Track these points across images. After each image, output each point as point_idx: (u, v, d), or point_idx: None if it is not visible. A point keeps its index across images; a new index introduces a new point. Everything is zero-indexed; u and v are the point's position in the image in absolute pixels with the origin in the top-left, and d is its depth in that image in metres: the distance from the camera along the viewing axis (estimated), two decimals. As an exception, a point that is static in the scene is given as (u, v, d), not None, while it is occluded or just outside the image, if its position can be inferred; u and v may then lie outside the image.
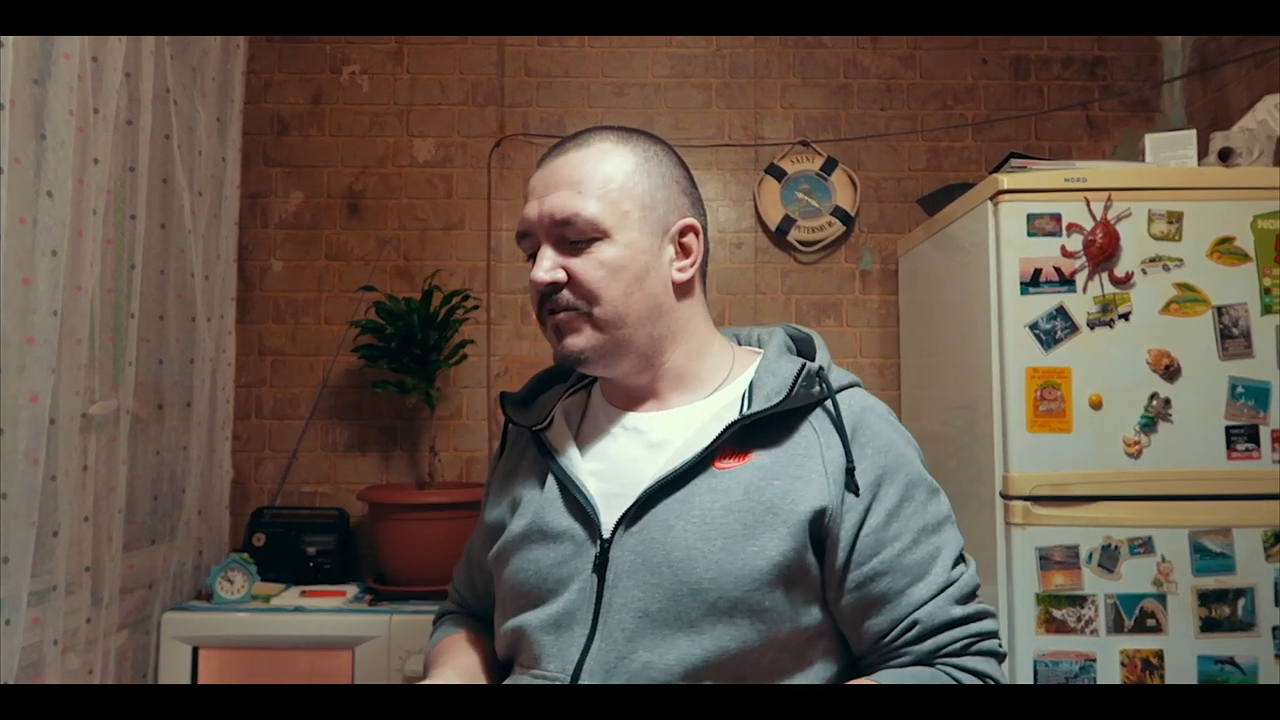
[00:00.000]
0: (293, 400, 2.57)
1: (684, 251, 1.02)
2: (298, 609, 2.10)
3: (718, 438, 0.94)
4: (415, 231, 2.61)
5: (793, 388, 0.96)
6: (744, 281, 2.62)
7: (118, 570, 1.81)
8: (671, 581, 0.89)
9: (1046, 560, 1.78)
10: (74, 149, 1.58)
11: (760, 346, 1.09)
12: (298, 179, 2.61)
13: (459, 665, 1.02)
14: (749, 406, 0.96)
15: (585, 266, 0.96)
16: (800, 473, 0.92)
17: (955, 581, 0.93)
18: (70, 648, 1.66)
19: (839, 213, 2.60)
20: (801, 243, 2.61)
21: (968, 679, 0.91)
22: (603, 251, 0.96)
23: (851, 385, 1.02)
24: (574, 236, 0.96)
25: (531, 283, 0.98)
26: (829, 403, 0.97)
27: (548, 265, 0.97)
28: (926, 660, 0.92)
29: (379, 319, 2.37)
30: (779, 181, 2.61)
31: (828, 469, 0.93)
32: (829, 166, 2.62)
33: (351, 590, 2.25)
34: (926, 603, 0.92)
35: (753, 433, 0.95)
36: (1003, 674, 0.93)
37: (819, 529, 0.92)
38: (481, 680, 1.02)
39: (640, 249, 0.97)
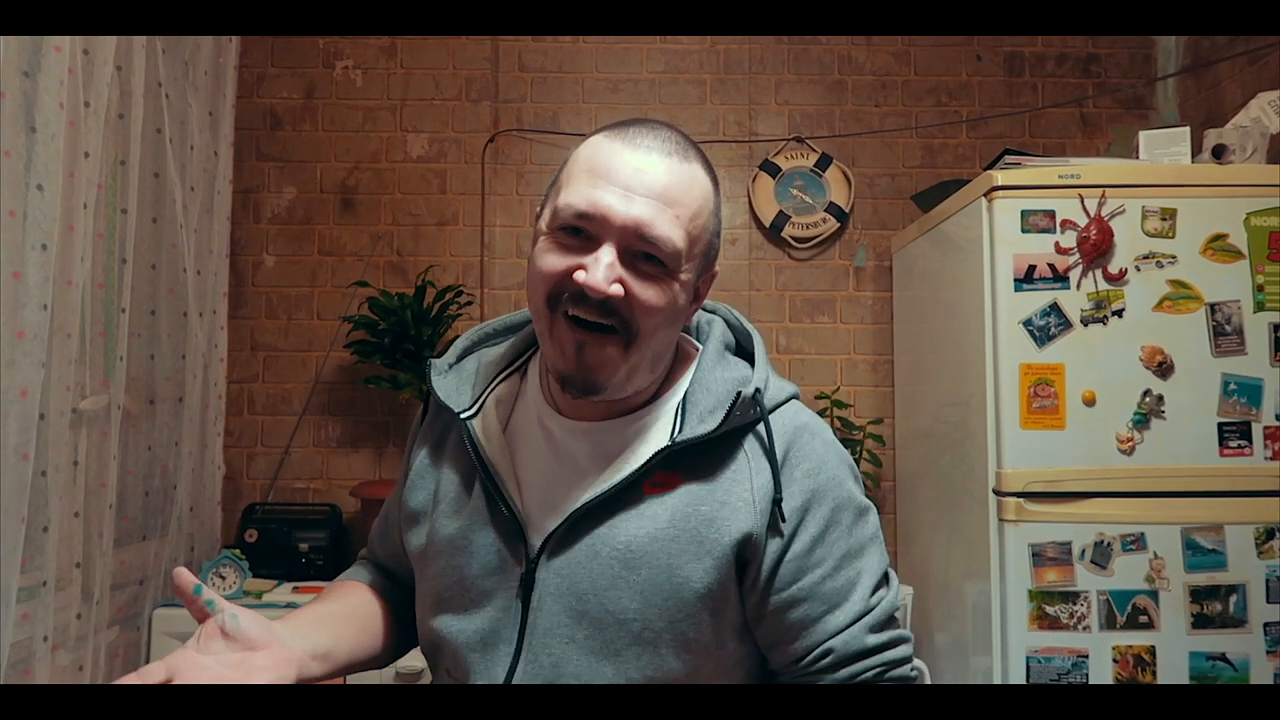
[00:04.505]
0: (285, 396, 2.56)
1: (699, 296, 0.96)
2: (290, 605, 2.09)
3: (646, 463, 0.89)
4: (409, 227, 2.61)
5: (727, 414, 0.90)
6: (738, 278, 2.62)
7: (108, 566, 1.81)
8: (597, 610, 0.87)
9: (1039, 557, 1.78)
10: (64, 142, 1.57)
11: (699, 339, 1.02)
12: (290, 174, 2.60)
13: (330, 610, 1.04)
14: (680, 426, 0.91)
15: (649, 295, 0.86)
16: (727, 498, 0.89)
17: (873, 609, 0.91)
18: (60, 644, 1.66)
19: (833, 209, 2.60)
20: (796, 239, 2.61)
21: None
22: (666, 285, 0.87)
23: (789, 399, 0.97)
24: (649, 255, 0.85)
25: (576, 281, 0.84)
26: (761, 428, 0.92)
27: (613, 273, 0.84)
28: None
29: (372, 315, 2.36)
30: (773, 178, 2.61)
31: (755, 496, 0.89)
32: (823, 163, 2.61)
33: (344, 586, 2.24)
34: (842, 631, 0.89)
35: (683, 453, 0.90)
36: None
37: (743, 555, 0.88)
38: (348, 629, 1.01)
39: (685, 291, 0.90)
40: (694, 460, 0.90)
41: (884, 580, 0.94)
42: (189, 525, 2.21)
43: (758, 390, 0.92)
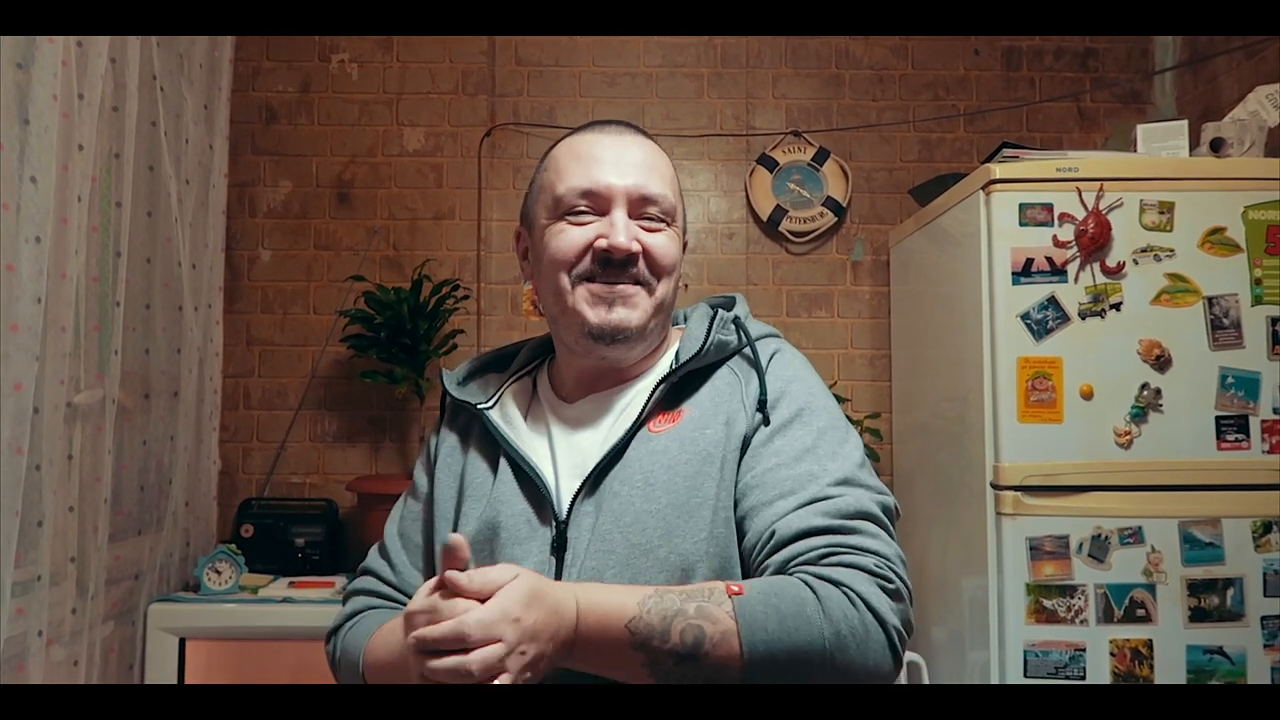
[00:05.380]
0: (281, 391, 2.55)
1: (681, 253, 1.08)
2: (286, 600, 2.08)
3: (647, 401, 0.97)
4: (405, 221, 2.60)
5: (707, 337, 0.99)
6: (735, 272, 2.61)
7: (103, 561, 1.80)
8: (624, 547, 0.91)
9: (1037, 550, 1.78)
10: (58, 135, 1.56)
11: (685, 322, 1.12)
12: (286, 168, 2.59)
13: None
14: (674, 366, 1.00)
15: (662, 241, 0.99)
16: (728, 415, 0.96)
17: (831, 498, 0.88)
18: (55, 639, 1.65)
19: (830, 203, 2.60)
20: (793, 233, 2.60)
21: (823, 587, 0.81)
22: (671, 234, 1.00)
23: (769, 335, 1.06)
24: (654, 214, 0.99)
25: (600, 249, 0.96)
26: (747, 347, 1.01)
27: (631, 231, 0.97)
28: (782, 571, 0.86)
29: (368, 309, 2.35)
30: (770, 172, 2.61)
31: (746, 402, 0.97)
32: (821, 157, 2.61)
33: (340, 581, 2.23)
34: (788, 514, 0.88)
35: (680, 390, 0.99)
36: (878, 597, 0.82)
37: (742, 456, 0.95)
38: None
39: (679, 242, 1.03)
40: (691, 392, 0.99)
41: (853, 484, 0.91)
42: (184, 520, 2.20)
43: (737, 316, 1.03)
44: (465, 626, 0.75)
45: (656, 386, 0.98)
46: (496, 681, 0.75)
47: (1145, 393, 1.80)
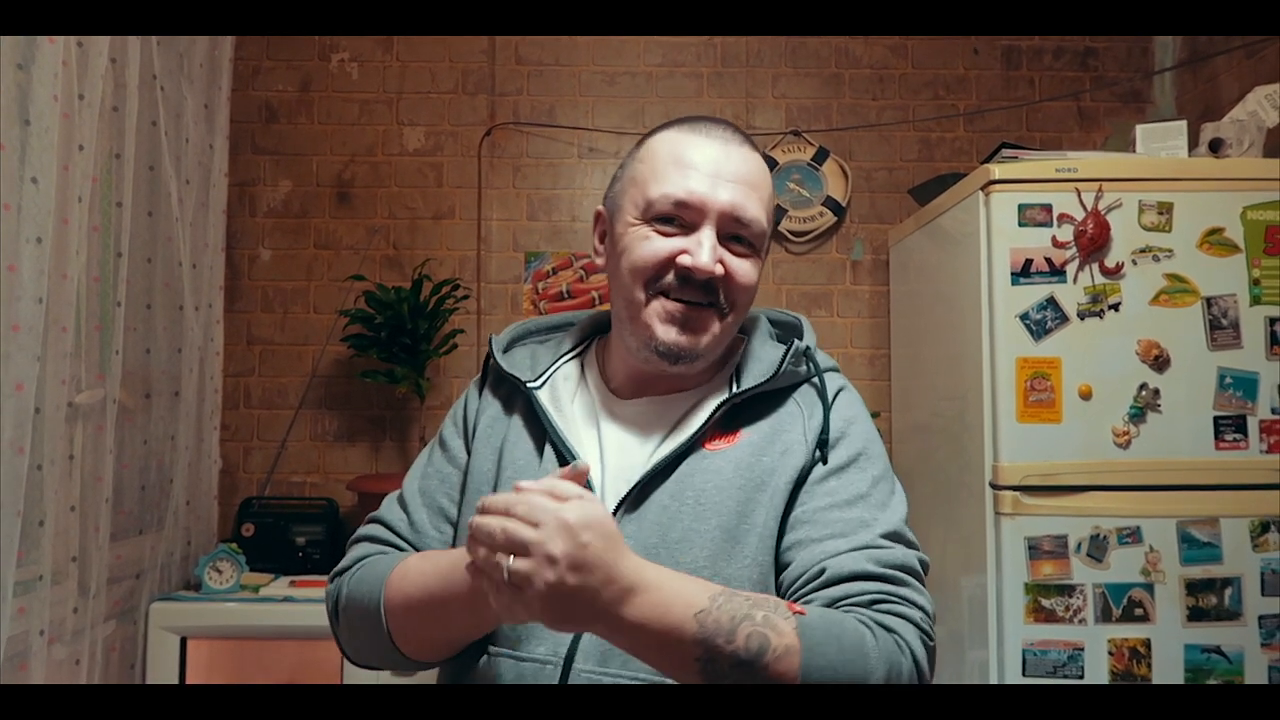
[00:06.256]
0: (281, 390, 2.56)
1: None
2: (287, 599, 2.09)
3: (708, 419, 0.95)
4: (405, 220, 2.60)
5: (781, 365, 0.97)
6: (735, 272, 2.61)
7: (105, 560, 1.80)
8: (668, 562, 0.88)
9: (1035, 550, 1.78)
10: (59, 135, 1.56)
11: (742, 332, 1.09)
12: (286, 167, 2.59)
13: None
14: (737, 388, 0.98)
15: (746, 270, 0.95)
16: (786, 445, 0.94)
17: (883, 548, 0.88)
18: (57, 638, 1.65)
19: (830, 203, 2.60)
20: (793, 233, 2.61)
21: (879, 630, 0.83)
22: (755, 262, 0.97)
23: (832, 369, 1.04)
24: (744, 237, 0.95)
25: (681, 265, 0.92)
26: (815, 378, 0.99)
27: (716, 253, 0.93)
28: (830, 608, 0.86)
29: (368, 308, 2.36)
30: (770, 171, 2.60)
31: (807, 436, 0.95)
32: (820, 156, 2.61)
33: (341, 580, 2.23)
34: (840, 554, 0.88)
35: (740, 413, 0.97)
36: (921, 651, 0.84)
37: (795, 491, 0.93)
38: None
39: (760, 272, 1.00)
40: (750, 416, 0.97)
41: (903, 541, 0.92)
42: (185, 519, 2.21)
43: (809, 347, 1.01)
44: (514, 499, 0.75)
45: (719, 407, 0.95)
46: (507, 567, 0.73)
47: (1144, 393, 1.80)
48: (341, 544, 2.42)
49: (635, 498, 0.93)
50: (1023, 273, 1.83)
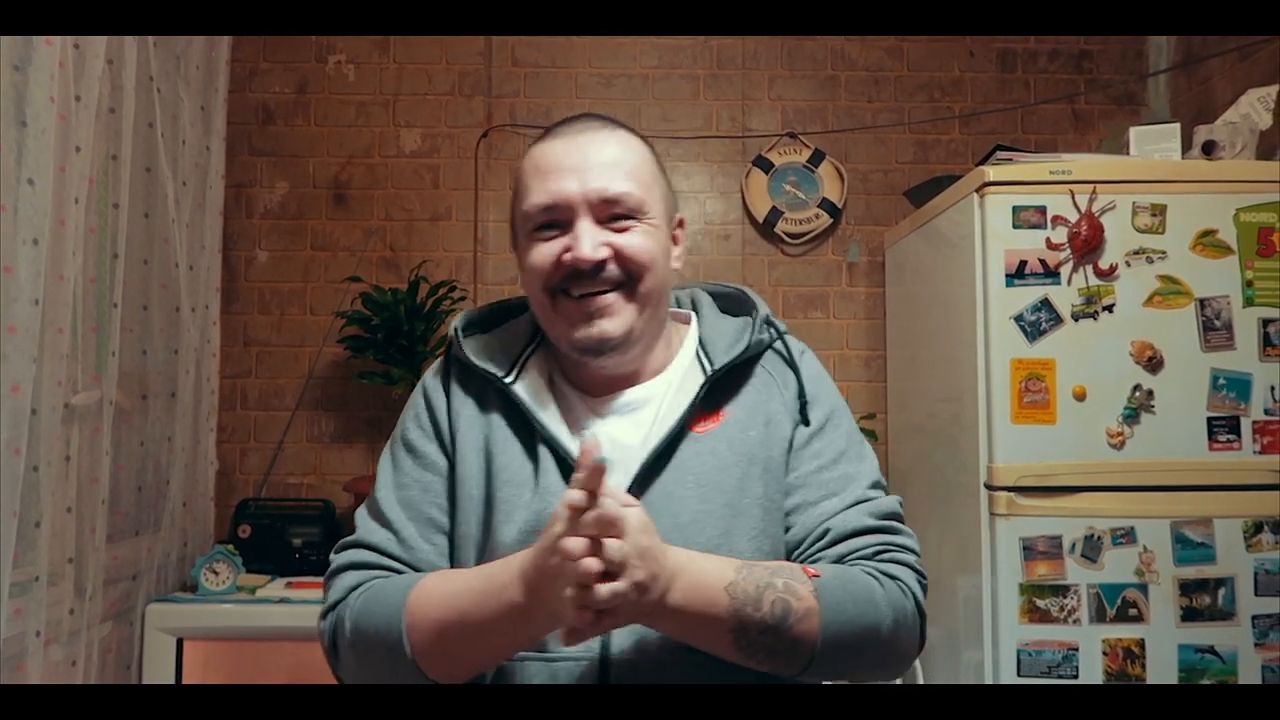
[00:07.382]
0: (278, 391, 2.56)
1: (674, 241, 1.05)
2: (283, 600, 2.09)
3: (693, 401, 0.97)
4: (402, 222, 2.60)
5: (751, 335, 1.01)
6: (731, 273, 2.62)
7: (101, 562, 1.80)
8: (683, 546, 0.88)
9: (1030, 550, 1.79)
10: (55, 136, 1.56)
11: (685, 309, 1.11)
12: (283, 169, 2.59)
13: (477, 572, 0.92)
14: (710, 362, 1.00)
15: (634, 239, 0.96)
16: (768, 417, 0.99)
17: (871, 500, 0.97)
18: (53, 639, 1.65)
19: (826, 205, 2.61)
20: (788, 235, 2.61)
21: (885, 580, 0.91)
22: (644, 229, 0.97)
23: (788, 332, 1.08)
24: (621, 213, 0.96)
25: (566, 262, 0.94)
26: (779, 343, 1.04)
27: (596, 239, 0.94)
28: (839, 564, 0.94)
29: (365, 310, 2.36)
30: (766, 173, 2.62)
31: (786, 405, 1.00)
32: (816, 158, 2.62)
33: (337, 581, 2.23)
34: (839, 513, 0.95)
35: (716, 389, 0.99)
36: (919, 591, 0.93)
37: (787, 456, 0.99)
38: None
39: (662, 233, 1.00)
40: (727, 391, 1.00)
41: (881, 488, 1.00)
42: (182, 520, 2.21)
43: (768, 314, 1.04)
44: (598, 519, 0.79)
45: (702, 388, 0.97)
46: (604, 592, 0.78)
47: (1137, 394, 1.81)
48: (338, 545, 2.42)
49: (638, 488, 0.94)
50: (1017, 274, 1.84)
